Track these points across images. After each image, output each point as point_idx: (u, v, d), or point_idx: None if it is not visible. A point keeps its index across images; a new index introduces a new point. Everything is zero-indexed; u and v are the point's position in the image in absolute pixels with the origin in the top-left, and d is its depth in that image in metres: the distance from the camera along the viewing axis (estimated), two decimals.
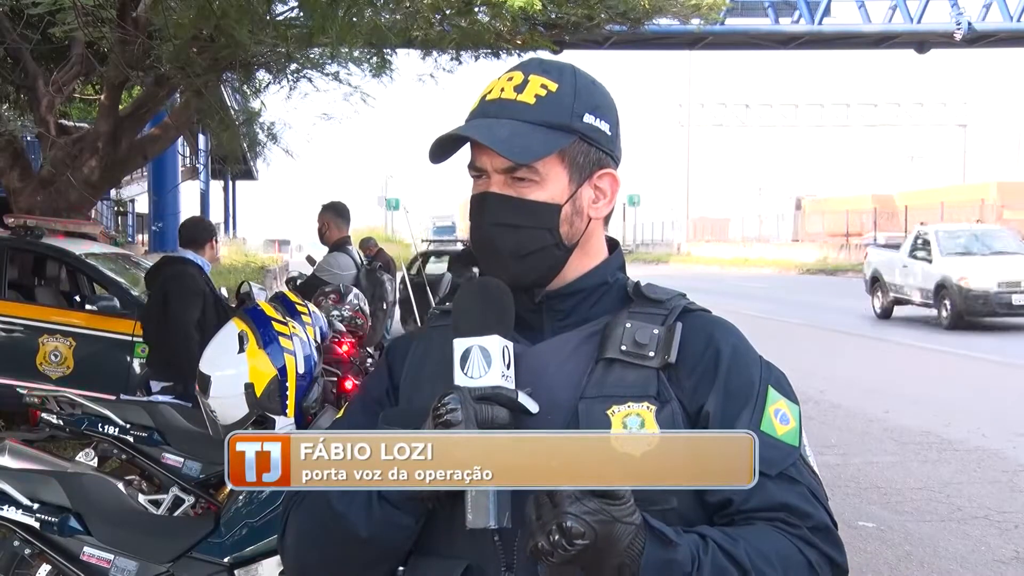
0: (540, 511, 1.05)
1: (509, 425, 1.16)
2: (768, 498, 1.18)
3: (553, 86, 1.26)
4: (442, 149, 1.27)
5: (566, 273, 1.31)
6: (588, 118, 1.27)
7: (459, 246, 16.55)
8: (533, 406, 1.18)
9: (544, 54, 9.42)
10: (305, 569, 1.29)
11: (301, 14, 7.43)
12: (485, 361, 1.19)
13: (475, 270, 8.33)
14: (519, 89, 1.26)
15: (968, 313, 14.95)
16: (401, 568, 1.26)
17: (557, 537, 1.01)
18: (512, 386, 1.19)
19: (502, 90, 1.27)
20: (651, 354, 1.23)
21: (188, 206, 29.49)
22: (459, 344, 1.20)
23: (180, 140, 14.41)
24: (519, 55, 10.14)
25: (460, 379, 1.19)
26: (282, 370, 2.86)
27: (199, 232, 5.60)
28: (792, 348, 12.75)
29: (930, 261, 15.88)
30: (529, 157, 1.23)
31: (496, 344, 1.19)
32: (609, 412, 1.20)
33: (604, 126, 1.29)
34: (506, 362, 1.20)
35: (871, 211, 38.41)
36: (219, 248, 5.89)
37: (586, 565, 1.05)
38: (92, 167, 8.37)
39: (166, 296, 5.24)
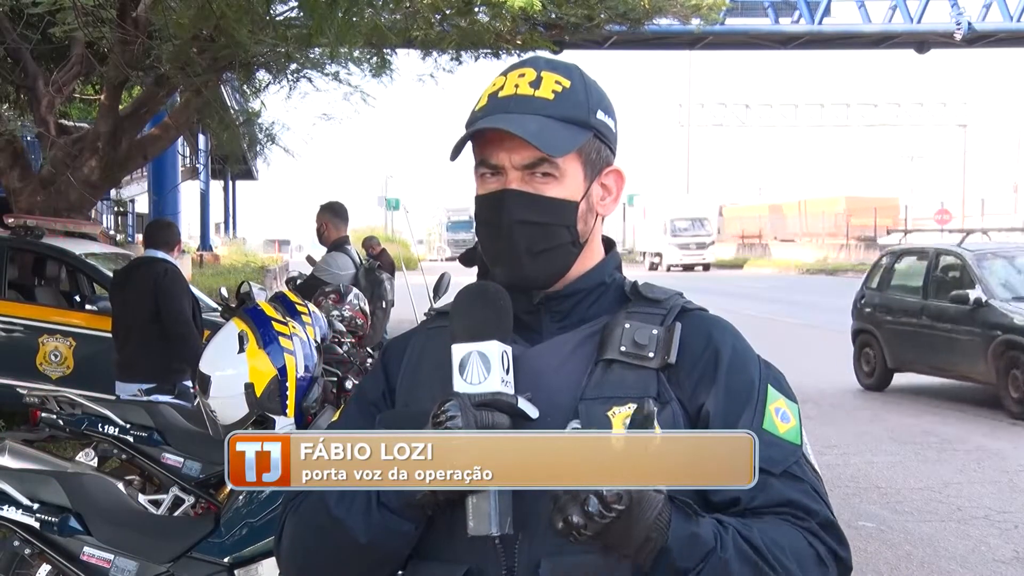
0: None
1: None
2: (774, 496, 1.19)
3: (566, 83, 1.26)
4: (461, 144, 1.26)
5: (567, 273, 1.30)
6: (600, 115, 1.28)
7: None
8: (533, 411, 1.17)
9: (544, 54, 9.37)
10: (302, 573, 1.29)
11: (301, 14, 7.43)
12: (484, 367, 1.18)
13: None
14: (535, 85, 1.26)
15: None
16: (400, 572, 1.25)
17: (594, 504, 1.01)
18: (511, 391, 1.18)
19: (516, 86, 1.26)
20: (651, 355, 1.23)
21: (188, 206, 29.51)
22: (457, 350, 1.19)
23: (180, 140, 14.41)
24: (519, 55, 10.13)
25: (459, 385, 1.18)
26: (282, 370, 2.86)
27: (171, 234, 5.57)
28: (792, 348, 12.75)
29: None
30: (560, 151, 1.23)
31: (495, 349, 1.18)
32: (609, 413, 1.20)
33: (611, 123, 1.30)
34: (505, 367, 1.19)
35: (767, 216, 48.02)
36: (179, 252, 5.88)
37: (614, 539, 1.05)
38: (92, 167, 8.37)
39: (157, 296, 5.21)
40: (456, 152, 1.27)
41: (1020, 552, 5.10)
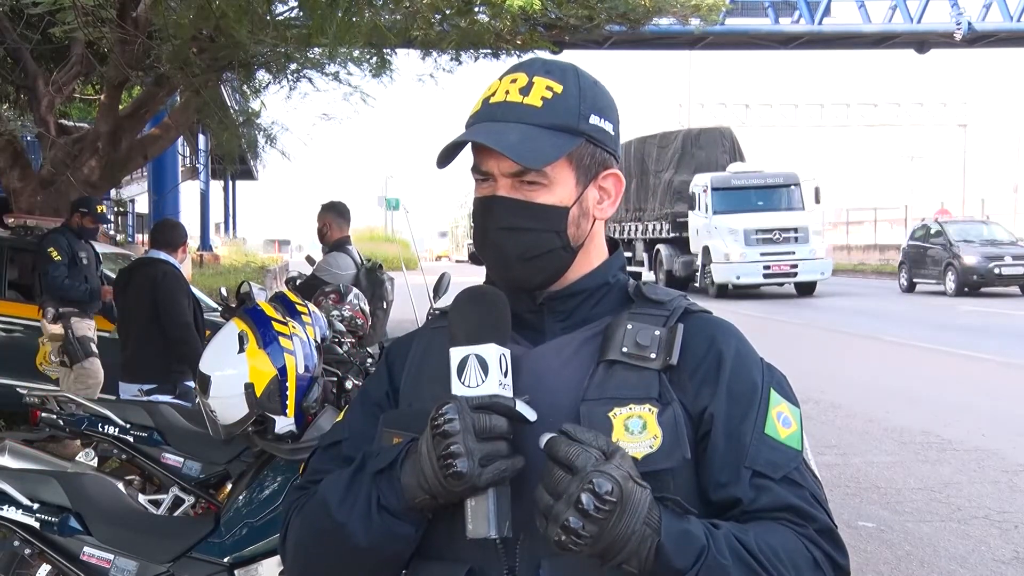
0: (559, 486, 1.05)
1: (507, 434, 1.15)
2: (773, 500, 1.19)
3: (558, 88, 1.25)
4: (449, 153, 1.26)
5: (568, 274, 1.30)
6: (594, 119, 1.27)
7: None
8: (531, 414, 1.16)
9: (544, 54, 9.42)
10: (305, 573, 1.29)
11: (301, 14, 7.44)
12: (482, 370, 1.17)
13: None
14: (524, 91, 1.25)
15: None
16: (404, 572, 1.26)
17: (588, 500, 1.01)
18: (510, 394, 1.18)
19: (507, 92, 1.26)
20: (652, 356, 1.23)
21: (188, 206, 29.53)
22: (455, 353, 1.19)
23: (180, 140, 14.41)
24: (519, 55, 10.16)
25: (457, 388, 1.18)
26: (282, 370, 2.86)
27: (176, 235, 5.56)
28: (792, 348, 12.75)
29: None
30: (541, 162, 1.22)
31: (493, 352, 1.18)
32: (611, 414, 1.20)
33: (608, 126, 1.29)
34: (503, 370, 1.18)
35: None
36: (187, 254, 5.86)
37: (615, 539, 1.04)
38: (92, 167, 8.38)
39: (156, 297, 5.21)
40: (442, 160, 1.27)
41: (1020, 552, 5.09)
